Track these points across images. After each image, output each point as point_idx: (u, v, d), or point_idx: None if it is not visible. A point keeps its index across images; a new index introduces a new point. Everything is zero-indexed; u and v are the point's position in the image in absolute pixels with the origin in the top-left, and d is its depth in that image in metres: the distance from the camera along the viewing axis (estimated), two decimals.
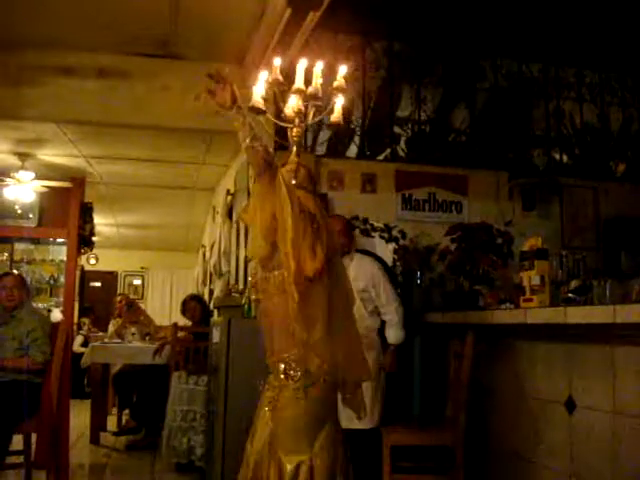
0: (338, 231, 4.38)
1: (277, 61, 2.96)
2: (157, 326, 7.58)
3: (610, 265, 6.24)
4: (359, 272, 4.45)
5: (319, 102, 2.96)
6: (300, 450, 2.70)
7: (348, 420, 4.14)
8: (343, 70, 2.99)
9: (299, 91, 2.89)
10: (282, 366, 2.75)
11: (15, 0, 4.87)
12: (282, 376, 2.75)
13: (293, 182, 2.80)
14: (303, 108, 2.95)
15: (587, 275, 5.06)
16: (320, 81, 2.94)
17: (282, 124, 2.96)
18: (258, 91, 2.95)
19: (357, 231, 5.59)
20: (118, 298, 8.89)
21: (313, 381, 2.72)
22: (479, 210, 6.23)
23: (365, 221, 5.93)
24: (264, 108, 2.94)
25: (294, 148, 2.94)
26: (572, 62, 7.17)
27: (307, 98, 2.93)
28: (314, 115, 2.99)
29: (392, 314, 4.49)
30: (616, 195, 6.81)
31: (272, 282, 2.76)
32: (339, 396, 2.91)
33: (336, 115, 3.02)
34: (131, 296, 13.96)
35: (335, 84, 2.98)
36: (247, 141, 2.64)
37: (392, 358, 4.49)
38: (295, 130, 2.94)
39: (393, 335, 4.50)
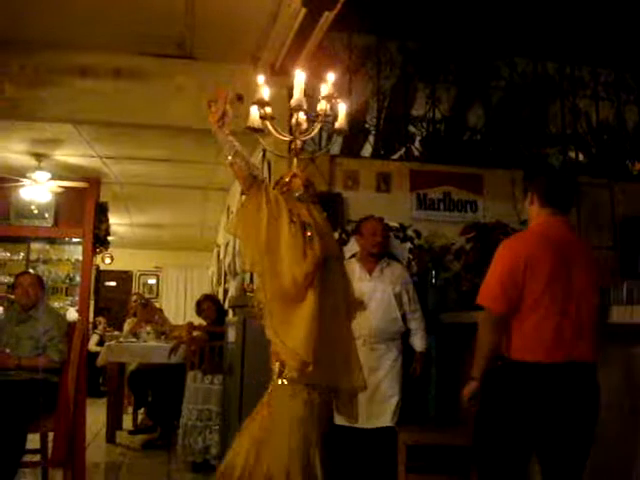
0: (375, 233, 4.42)
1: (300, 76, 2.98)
2: (172, 325, 7.59)
3: (626, 265, 6.21)
4: (395, 277, 4.50)
5: (328, 119, 3.04)
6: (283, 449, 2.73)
7: (370, 420, 4.17)
8: (331, 77, 3.03)
9: (299, 106, 2.95)
10: (277, 365, 2.80)
11: (32, 1, 4.91)
12: (275, 376, 2.80)
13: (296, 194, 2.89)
14: (304, 122, 3.01)
15: None
16: (325, 104, 2.99)
17: (282, 137, 3.03)
18: (254, 111, 3.04)
19: None
20: (133, 297, 8.92)
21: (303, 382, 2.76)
22: (494, 209, 6.19)
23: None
24: (262, 127, 3.02)
25: (294, 160, 3.00)
26: (587, 60, 7.13)
27: (317, 118, 3.01)
28: (310, 128, 3.04)
29: (419, 321, 4.55)
30: (633, 194, 6.75)
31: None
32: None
33: (340, 122, 3.07)
34: (146, 295, 14.12)
35: (323, 94, 3.02)
36: (229, 158, 2.75)
37: (420, 365, 4.52)
38: (294, 143, 3.01)
39: (421, 342, 4.54)
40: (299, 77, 2.95)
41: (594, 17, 6.18)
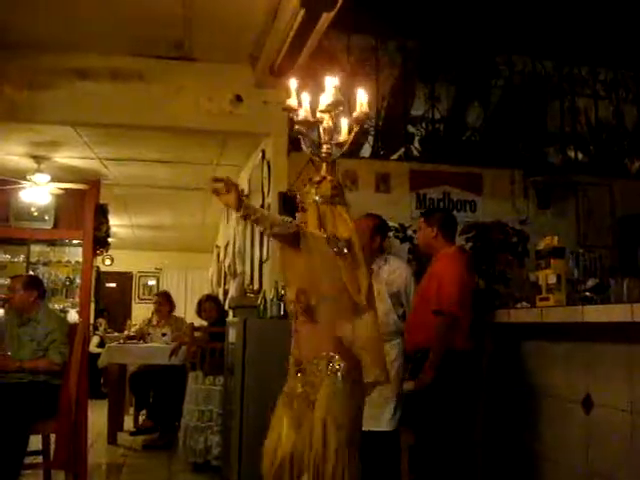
0: (369, 230, 4.38)
1: (329, 81, 2.98)
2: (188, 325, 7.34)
3: (626, 263, 6.21)
4: (394, 275, 4.44)
5: (364, 125, 3.08)
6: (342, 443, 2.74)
7: (368, 422, 4.15)
8: (364, 98, 3.05)
9: (329, 110, 2.96)
10: (323, 362, 2.81)
11: (30, 4, 4.91)
12: (328, 373, 2.81)
13: (317, 197, 2.95)
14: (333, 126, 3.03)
15: (604, 273, 5.04)
16: (366, 109, 3.02)
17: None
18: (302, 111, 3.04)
19: None
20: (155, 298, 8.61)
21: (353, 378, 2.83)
22: (494, 209, 6.20)
23: None
24: (312, 120, 3.03)
25: (324, 164, 3.01)
26: (586, 59, 7.12)
27: (353, 121, 3.02)
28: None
29: None
30: (631, 193, 6.74)
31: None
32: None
33: (344, 137, 3.10)
34: (145, 297, 14.15)
35: (354, 114, 3.05)
36: (268, 232, 2.85)
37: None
38: (325, 147, 3.01)
39: None
40: (329, 82, 2.95)
41: (593, 15, 6.17)
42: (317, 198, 2.94)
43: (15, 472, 4.29)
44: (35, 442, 4.64)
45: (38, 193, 7.16)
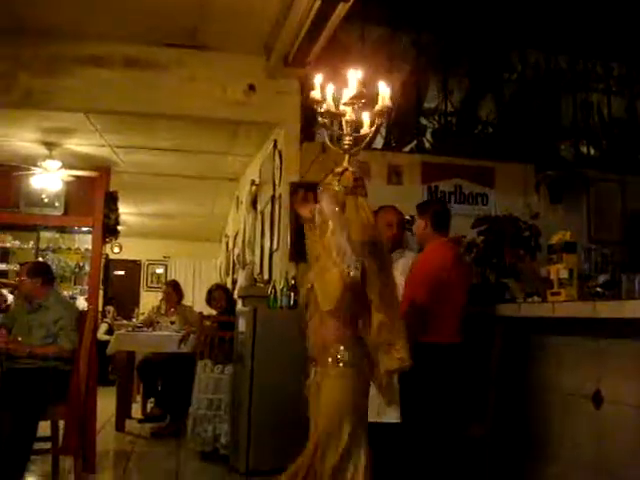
0: (390, 224, 4.36)
1: (352, 74, 3.00)
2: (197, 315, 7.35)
3: (635, 259, 6.19)
4: (408, 269, 4.42)
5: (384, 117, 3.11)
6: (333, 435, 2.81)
7: (375, 414, 4.15)
8: (386, 91, 3.06)
9: (352, 102, 2.98)
10: (331, 351, 2.88)
11: None
12: (330, 360, 2.88)
13: (338, 188, 2.97)
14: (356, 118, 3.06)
15: (614, 269, 5.02)
16: (388, 102, 3.03)
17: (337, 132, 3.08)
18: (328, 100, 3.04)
19: None
20: (164, 288, 8.61)
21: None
22: (505, 202, 6.16)
23: None
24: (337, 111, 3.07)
25: (346, 156, 3.02)
26: (600, 54, 7.09)
27: (375, 114, 3.03)
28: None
29: None
30: None
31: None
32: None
33: (365, 130, 3.12)
34: (154, 285, 14.18)
35: (377, 108, 3.06)
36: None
37: None
38: (347, 139, 3.02)
39: None
40: (353, 75, 2.97)
41: (607, 10, 6.15)
42: (339, 188, 2.95)
43: (25, 457, 4.31)
44: (43, 428, 4.64)
45: (49, 179, 7.16)
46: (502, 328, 4.08)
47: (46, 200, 7.11)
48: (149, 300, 13.30)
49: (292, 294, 5.09)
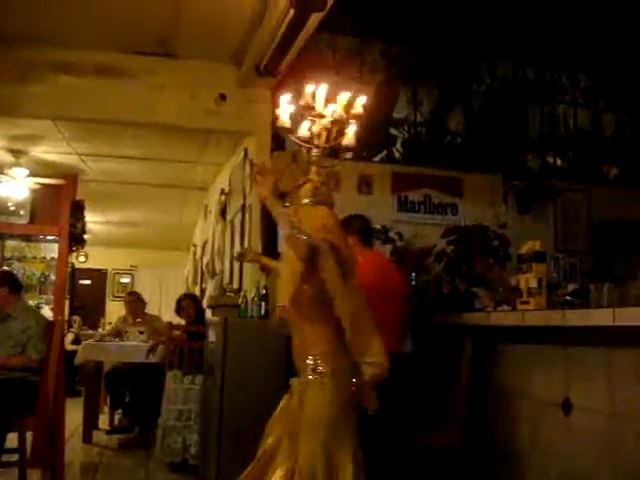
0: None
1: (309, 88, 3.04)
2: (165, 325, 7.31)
3: (602, 268, 6.29)
4: None
5: (343, 126, 3.12)
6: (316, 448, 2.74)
7: None
8: (362, 100, 3.08)
9: (320, 115, 2.99)
10: (310, 363, 2.82)
11: None
12: (309, 373, 2.83)
13: (306, 201, 2.94)
14: (323, 131, 3.06)
15: (582, 278, 5.10)
16: (340, 111, 3.06)
17: (302, 144, 3.06)
18: (285, 113, 3.07)
19: None
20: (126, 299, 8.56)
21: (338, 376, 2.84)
22: (474, 212, 6.21)
23: None
24: (290, 127, 3.07)
25: (313, 168, 3.03)
26: (567, 66, 7.21)
27: (332, 124, 3.06)
28: (329, 138, 3.09)
29: None
30: (608, 199, 6.83)
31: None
32: None
33: (349, 138, 3.13)
34: (120, 294, 14.02)
35: (353, 112, 3.08)
36: (287, 231, 2.77)
37: None
38: (315, 150, 3.03)
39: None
40: (321, 89, 3.00)
41: (574, 23, 6.25)
42: (306, 201, 2.95)
43: None
44: (10, 440, 4.57)
45: (15, 187, 7.08)
46: (472, 336, 4.12)
47: (12, 208, 7.05)
48: (115, 310, 13.13)
49: (263, 304, 5.07)
